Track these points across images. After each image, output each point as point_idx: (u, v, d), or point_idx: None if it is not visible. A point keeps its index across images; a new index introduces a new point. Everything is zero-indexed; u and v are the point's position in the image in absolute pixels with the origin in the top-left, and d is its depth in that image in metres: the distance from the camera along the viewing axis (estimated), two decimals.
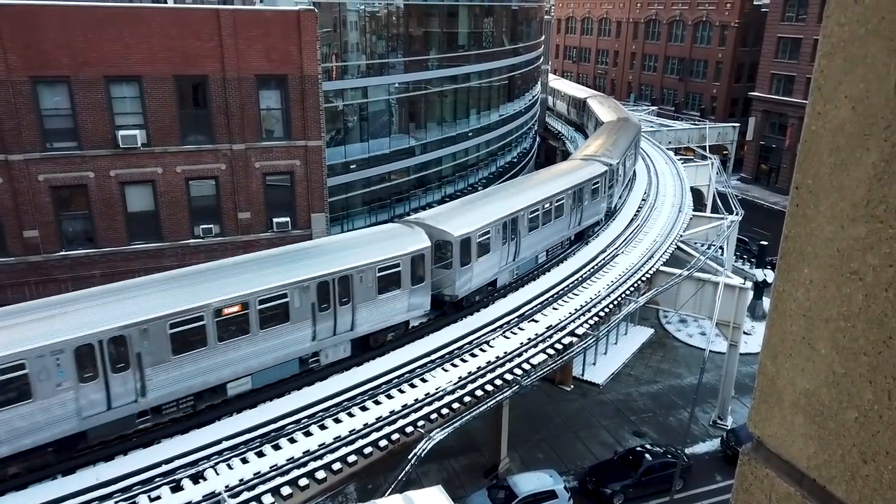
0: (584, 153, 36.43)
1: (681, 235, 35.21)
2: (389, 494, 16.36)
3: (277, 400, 19.41)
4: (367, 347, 21.74)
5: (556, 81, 75.46)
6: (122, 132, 24.68)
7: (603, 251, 31.97)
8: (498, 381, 21.24)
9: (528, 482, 24.92)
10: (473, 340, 23.30)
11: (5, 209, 23.81)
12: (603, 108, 53.73)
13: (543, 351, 23.01)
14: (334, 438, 17.95)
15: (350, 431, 18.24)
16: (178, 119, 25.62)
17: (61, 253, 24.96)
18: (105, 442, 16.97)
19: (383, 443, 18.18)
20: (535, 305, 26.09)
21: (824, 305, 1.48)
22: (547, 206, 28.62)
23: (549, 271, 29.67)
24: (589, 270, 29.64)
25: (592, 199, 32.37)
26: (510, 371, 21.72)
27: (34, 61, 23.08)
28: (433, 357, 22.09)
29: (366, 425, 18.53)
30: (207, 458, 16.88)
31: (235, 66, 25.75)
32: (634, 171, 44.21)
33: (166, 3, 30.20)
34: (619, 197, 38.15)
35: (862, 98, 1.36)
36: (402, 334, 22.80)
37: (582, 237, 33.15)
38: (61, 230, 25.00)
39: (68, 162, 24.43)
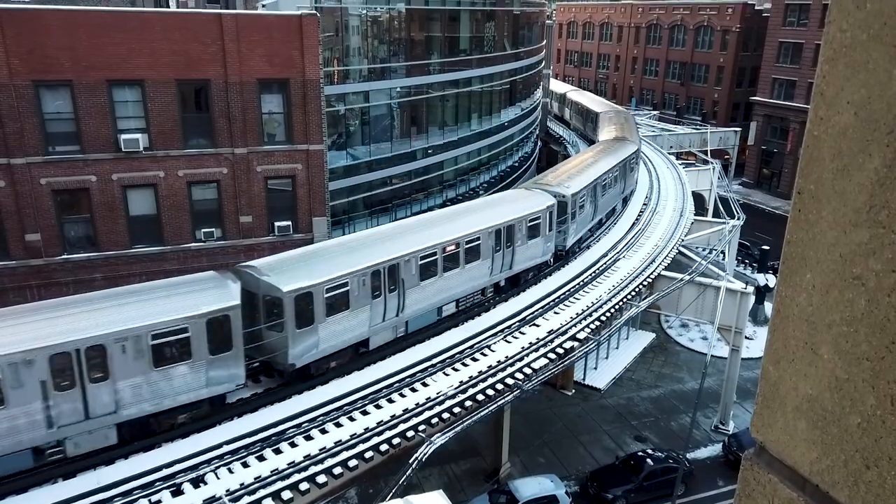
0: (539, 180, 32.13)
1: (682, 240, 35.19)
2: (390, 499, 16.34)
3: (278, 404, 19.38)
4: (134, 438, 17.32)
5: (574, 93, 68.77)
6: (124, 136, 24.74)
7: (604, 255, 31.98)
8: (499, 386, 21.21)
9: (530, 487, 24.86)
10: (475, 345, 23.28)
11: (7, 212, 23.85)
12: (607, 126, 48.94)
13: (545, 355, 23.00)
14: (335, 443, 17.93)
15: (351, 435, 18.22)
16: (180, 123, 25.69)
17: (63, 256, 24.99)
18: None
19: (384, 447, 18.16)
20: (537, 310, 26.07)
21: (827, 310, 1.48)
22: (452, 248, 23.91)
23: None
24: (590, 275, 29.62)
25: (531, 239, 27.17)
26: (511, 375, 21.69)
27: (37, 65, 23.16)
28: (434, 361, 22.07)
29: (367, 429, 18.51)
30: (208, 462, 16.86)
31: (237, 71, 25.82)
32: (633, 190, 43.05)
33: (169, 7, 30.30)
34: (586, 231, 32.99)
35: (864, 103, 1.37)
36: (206, 415, 18.38)
37: (518, 281, 27.82)
38: (63, 234, 25.04)
39: (70, 165, 24.48)
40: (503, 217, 26.14)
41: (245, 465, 16.98)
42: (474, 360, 22.46)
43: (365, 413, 19.30)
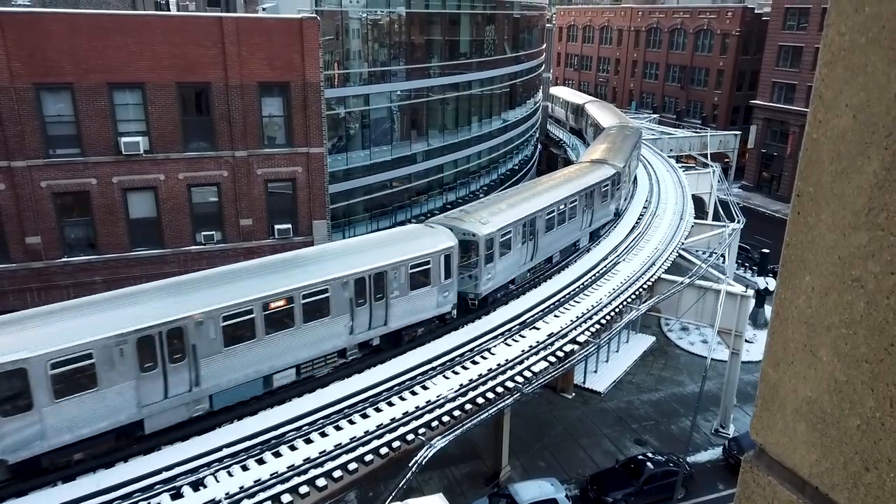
0: (456, 214, 27.08)
1: (682, 243, 35.19)
2: (390, 502, 16.32)
3: (277, 407, 19.36)
4: None
5: (594, 105, 61.40)
6: (124, 139, 24.76)
7: (604, 258, 31.97)
8: (499, 389, 21.19)
9: (530, 490, 24.82)
10: (475, 348, 23.26)
11: (8, 215, 23.86)
12: (597, 144, 42.85)
13: (545, 358, 22.98)
14: (335, 446, 17.90)
15: (351, 439, 18.20)
16: (180, 126, 25.71)
17: (63, 259, 24.99)
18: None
19: (384, 450, 18.14)
20: (537, 313, 26.05)
21: (826, 313, 1.48)
22: (280, 303, 19.66)
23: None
24: (591, 277, 29.62)
25: (416, 288, 22.82)
26: (511, 378, 21.67)
27: (38, 68, 23.19)
28: (434, 364, 22.05)
29: (367, 433, 18.49)
30: (208, 465, 16.84)
31: (238, 74, 25.85)
32: (635, 181, 43.86)
33: (170, 10, 30.36)
34: (523, 273, 28.66)
35: (863, 107, 1.37)
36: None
37: (400, 340, 23.33)
38: (63, 236, 25.05)
39: (71, 168, 24.50)
40: (370, 262, 21.43)
41: (244, 468, 16.95)
42: (474, 363, 22.44)
43: (365, 416, 19.28)
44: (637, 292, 28.81)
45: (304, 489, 16.57)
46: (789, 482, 1.58)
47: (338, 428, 18.72)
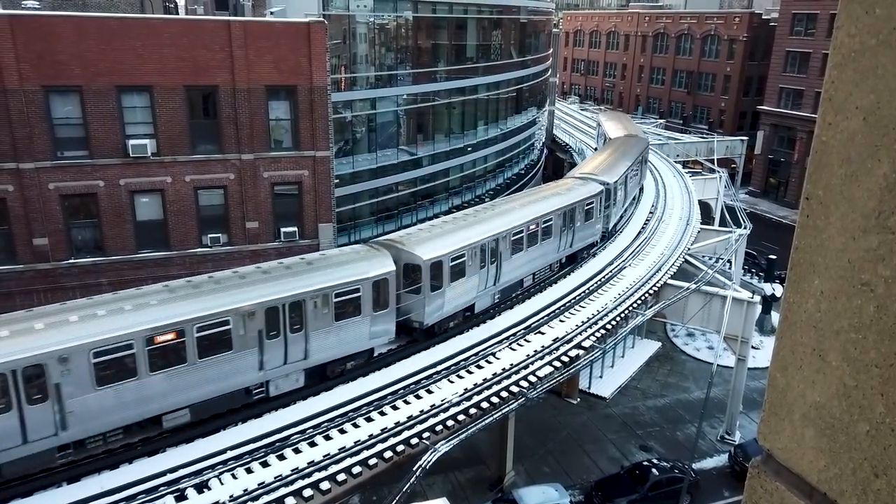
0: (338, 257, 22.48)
1: (688, 248, 35.09)
2: None
3: (282, 410, 19.37)
4: None
5: (606, 115, 58.93)
6: (132, 141, 24.88)
7: (610, 263, 31.90)
8: (504, 394, 21.15)
9: (534, 496, 24.75)
10: (479, 352, 23.23)
11: (16, 217, 23.99)
12: (596, 158, 40.75)
13: (550, 363, 22.92)
14: (339, 449, 17.89)
15: (355, 442, 18.19)
16: (187, 129, 25.82)
17: (70, 261, 25.10)
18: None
19: (389, 454, 18.12)
20: (543, 317, 26.00)
21: (835, 317, 1.46)
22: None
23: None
24: (597, 283, 29.56)
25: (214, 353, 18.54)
26: (516, 383, 21.63)
27: (47, 71, 23.34)
28: (439, 368, 22.03)
29: (371, 436, 18.48)
30: (212, 467, 16.85)
31: (245, 77, 25.95)
32: (642, 187, 43.58)
33: (178, 14, 30.52)
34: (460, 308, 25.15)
35: (873, 109, 1.36)
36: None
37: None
38: (70, 238, 25.17)
39: (78, 170, 24.62)
40: (285, 289, 19.34)
41: (249, 470, 16.96)
42: (479, 367, 22.41)
43: (369, 420, 19.27)
44: (643, 297, 28.72)
45: (308, 492, 16.56)
46: (797, 488, 1.56)
47: (342, 431, 18.70)
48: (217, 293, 18.44)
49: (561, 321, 25.90)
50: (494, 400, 20.84)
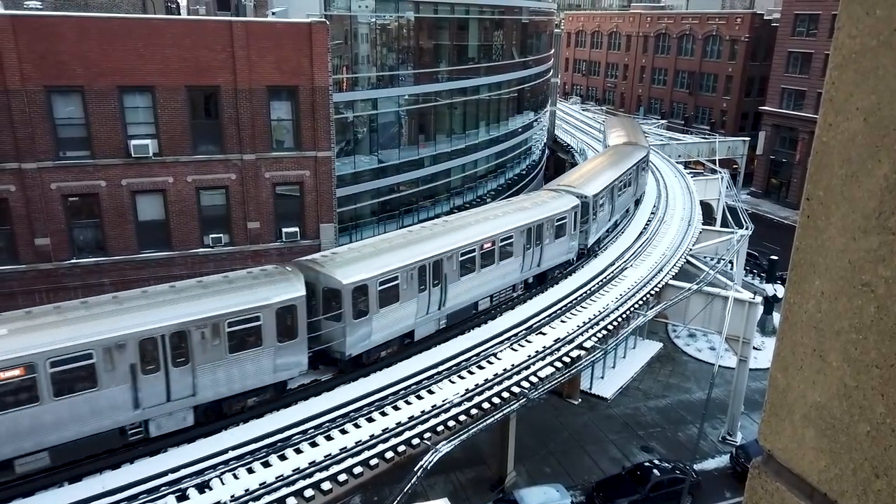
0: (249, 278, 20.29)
1: (690, 249, 35.07)
2: None
3: (284, 410, 19.38)
4: None
5: (611, 120, 57.53)
6: (134, 142, 24.91)
7: (612, 264, 31.88)
8: (505, 394, 21.14)
9: (535, 496, 24.75)
10: (481, 353, 23.22)
11: (18, 217, 24.03)
12: (581, 168, 39.17)
13: (551, 364, 22.91)
14: (340, 449, 17.90)
15: (356, 443, 18.19)
16: (189, 129, 25.85)
17: (72, 261, 25.13)
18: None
19: (390, 454, 18.12)
20: (544, 318, 25.99)
21: (835, 317, 1.47)
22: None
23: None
24: (598, 283, 29.53)
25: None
26: (517, 384, 21.62)
27: (49, 71, 23.37)
28: (440, 369, 22.03)
29: (372, 437, 18.48)
30: (213, 467, 16.86)
31: (247, 78, 25.98)
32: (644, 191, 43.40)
33: (180, 14, 30.55)
34: None
35: (874, 110, 1.36)
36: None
37: None
38: (72, 238, 25.20)
39: (80, 171, 24.65)
40: (165, 318, 17.46)
41: (250, 470, 16.97)
42: (480, 367, 22.40)
43: (370, 420, 19.27)
44: (644, 298, 28.70)
45: (309, 493, 16.57)
46: (797, 489, 1.57)
47: (343, 432, 18.71)
48: (83, 322, 16.42)
49: (563, 322, 25.83)
50: (496, 400, 20.83)
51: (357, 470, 17.46)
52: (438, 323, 23.97)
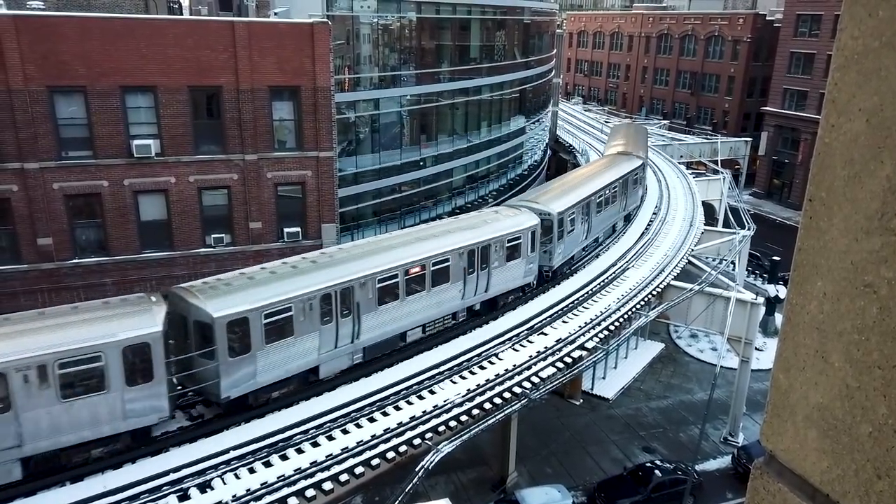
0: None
1: (692, 250, 35.05)
2: None
3: (285, 410, 19.38)
4: None
5: (613, 136, 50.80)
6: (136, 142, 24.94)
7: (614, 264, 31.84)
8: (507, 394, 21.14)
9: (537, 496, 24.73)
10: (482, 353, 23.21)
11: (20, 217, 24.07)
12: (561, 179, 36.89)
13: (553, 364, 22.91)
14: (342, 449, 17.90)
15: (358, 443, 18.20)
16: (191, 129, 25.88)
17: (74, 261, 25.16)
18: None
19: (391, 454, 18.13)
20: (545, 318, 25.97)
21: (838, 318, 1.47)
22: None
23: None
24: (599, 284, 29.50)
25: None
26: (519, 384, 21.62)
27: (51, 71, 23.41)
28: (442, 369, 22.03)
29: (374, 436, 18.48)
30: (214, 467, 16.88)
31: (249, 78, 26.00)
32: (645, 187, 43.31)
33: (182, 14, 30.59)
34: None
35: (876, 111, 1.36)
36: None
37: None
38: (74, 238, 25.23)
39: (83, 171, 24.69)
40: None
41: (252, 470, 16.98)
42: (482, 368, 22.40)
43: (372, 420, 19.28)
44: (646, 298, 28.69)
45: (310, 493, 16.57)
46: (800, 489, 1.57)
47: (345, 431, 18.71)
48: None
49: (564, 322, 25.83)
50: (497, 401, 20.83)
51: (358, 470, 17.47)
52: (352, 358, 21.26)
